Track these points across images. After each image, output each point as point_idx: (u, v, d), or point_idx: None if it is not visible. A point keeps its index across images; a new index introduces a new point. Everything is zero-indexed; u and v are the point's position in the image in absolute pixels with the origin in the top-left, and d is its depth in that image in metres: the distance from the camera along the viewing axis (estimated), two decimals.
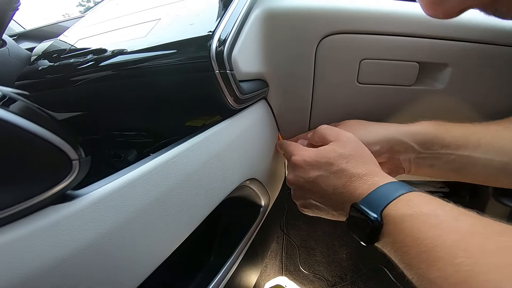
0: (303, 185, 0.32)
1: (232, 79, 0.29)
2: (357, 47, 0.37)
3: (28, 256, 0.14)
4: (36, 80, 0.41)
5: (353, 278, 0.88)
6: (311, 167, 0.31)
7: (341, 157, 0.30)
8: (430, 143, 0.33)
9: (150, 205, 0.21)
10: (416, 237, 0.21)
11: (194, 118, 0.36)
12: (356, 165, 0.29)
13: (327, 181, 0.30)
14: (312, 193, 0.32)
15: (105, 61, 0.34)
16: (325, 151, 0.31)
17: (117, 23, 0.43)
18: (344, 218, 0.30)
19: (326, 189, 0.30)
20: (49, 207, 0.16)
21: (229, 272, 0.38)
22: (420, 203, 0.23)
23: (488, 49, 0.37)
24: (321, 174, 0.30)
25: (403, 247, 0.22)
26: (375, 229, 0.24)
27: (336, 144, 0.31)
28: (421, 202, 0.23)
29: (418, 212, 0.22)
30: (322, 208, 0.32)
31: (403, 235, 0.22)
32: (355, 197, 0.28)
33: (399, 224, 0.23)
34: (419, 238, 0.21)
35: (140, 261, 0.21)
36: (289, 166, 0.35)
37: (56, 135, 0.14)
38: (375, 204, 0.25)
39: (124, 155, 0.36)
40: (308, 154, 0.32)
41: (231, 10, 0.31)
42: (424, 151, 0.33)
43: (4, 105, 0.13)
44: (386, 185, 0.26)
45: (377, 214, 0.24)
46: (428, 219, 0.21)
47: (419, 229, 0.21)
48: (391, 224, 0.23)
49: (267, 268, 0.93)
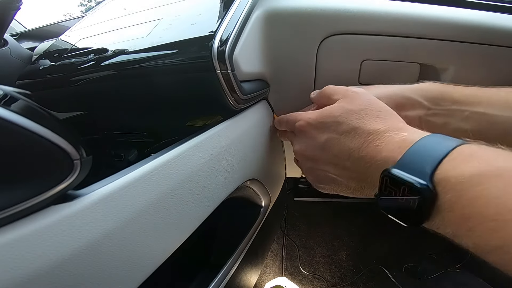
0: (312, 154, 0.27)
1: (233, 79, 0.29)
2: (358, 48, 0.37)
3: (29, 256, 0.14)
4: (37, 79, 0.41)
5: (353, 279, 0.88)
6: (317, 130, 0.26)
7: (350, 113, 0.24)
8: (439, 99, 0.28)
9: (151, 205, 0.21)
10: (508, 207, 0.14)
11: (195, 118, 0.36)
12: (372, 121, 0.23)
13: (339, 144, 0.24)
14: (325, 162, 0.26)
15: (106, 60, 0.34)
16: (330, 109, 0.26)
17: (118, 23, 0.43)
18: (371, 192, 0.23)
19: (339, 155, 0.24)
20: (50, 207, 0.16)
21: (229, 272, 0.37)
22: (490, 156, 0.17)
23: (489, 50, 0.37)
24: (331, 137, 0.25)
25: (480, 225, 0.15)
26: (425, 203, 0.17)
27: (344, 100, 0.26)
28: (491, 154, 0.17)
29: (494, 169, 0.15)
30: (340, 182, 0.26)
31: (477, 205, 0.15)
32: (381, 162, 0.21)
33: (467, 189, 0.16)
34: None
35: (141, 261, 0.21)
36: (294, 137, 0.30)
37: (58, 135, 0.14)
38: (417, 166, 0.18)
39: (125, 155, 0.36)
40: (311, 116, 0.27)
41: (232, 10, 0.31)
42: (434, 107, 0.29)
43: (6, 104, 0.13)
44: (424, 140, 0.19)
45: (425, 179, 0.17)
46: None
47: (508, 193, 0.14)
48: (452, 191, 0.16)
49: (267, 269, 0.93)
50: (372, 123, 0.23)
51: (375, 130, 0.23)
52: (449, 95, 0.28)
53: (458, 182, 0.16)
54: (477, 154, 0.17)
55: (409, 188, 0.18)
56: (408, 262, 0.91)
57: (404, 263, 0.90)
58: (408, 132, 0.21)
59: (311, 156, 0.27)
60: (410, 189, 0.18)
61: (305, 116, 0.28)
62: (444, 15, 0.36)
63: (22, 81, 0.42)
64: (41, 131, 0.14)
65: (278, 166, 0.46)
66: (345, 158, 0.24)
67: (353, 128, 0.24)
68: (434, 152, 0.18)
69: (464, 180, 0.16)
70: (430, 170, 0.17)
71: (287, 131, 0.34)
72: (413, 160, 0.19)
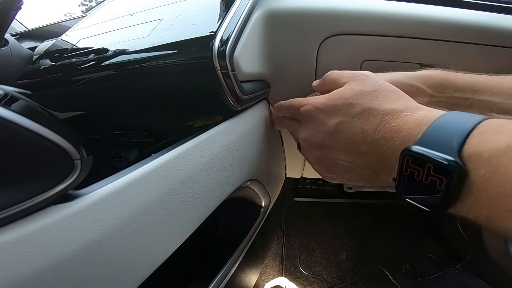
0: (322, 141, 0.25)
1: (233, 79, 0.29)
2: (359, 49, 0.37)
3: (29, 256, 0.14)
4: (38, 79, 0.41)
5: (352, 279, 0.88)
6: (326, 114, 0.24)
7: (362, 94, 0.23)
8: (442, 86, 0.27)
9: (151, 205, 0.21)
10: None
11: (195, 119, 0.36)
12: (386, 101, 0.22)
13: (352, 128, 0.22)
14: (337, 149, 0.24)
15: (106, 60, 0.34)
16: (340, 91, 0.24)
17: (119, 22, 0.43)
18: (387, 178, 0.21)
19: (353, 140, 0.22)
20: (51, 207, 0.16)
21: (229, 272, 0.37)
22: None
23: (489, 50, 0.37)
24: (342, 120, 0.23)
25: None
26: (454, 182, 0.15)
27: (353, 82, 0.24)
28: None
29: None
30: (353, 169, 0.24)
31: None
32: (400, 142, 0.19)
33: (504, 163, 0.14)
34: None
35: (141, 261, 0.21)
36: (298, 125, 0.28)
37: (58, 135, 0.14)
38: (442, 141, 0.16)
39: (125, 155, 0.36)
40: (319, 101, 0.25)
41: (233, 11, 0.31)
42: (438, 94, 0.28)
43: (6, 104, 0.13)
44: (446, 115, 0.18)
45: (452, 155, 0.15)
46: None
47: None
48: (486, 166, 0.14)
49: (267, 269, 0.92)
50: (387, 103, 0.21)
51: (391, 110, 0.21)
52: (452, 82, 0.27)
53: (493, 156, 0.14)
54: (507, 126, 0.15)
55: (434, 166, 0.16)
56: (408, 262, 0.91)
57: (403, 263, 0.90)
58: (427, 110, 0.20)
59: (320, 143, 0.25)
60: (436, 167, 0.15)
61: (311, 100, 0.26)
62: (444, 16, 0.36)
63: (23, 81, 0.42)
64: (42, 130, 0.14)
65: (278, 166, 0.46)
66: (359, 142, 0.22)
67: (367, 109, 0.22)
68: (460, 126, 0.16)
69: (500, 153, 0.14)
70: (458, 144, 0.15)
71: (285, 119, 0.32)
72: (437, 135, 0.17)
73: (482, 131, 0.16)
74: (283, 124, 0.33)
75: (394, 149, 0.19)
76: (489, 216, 0.15)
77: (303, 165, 0.54)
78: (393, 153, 0.20)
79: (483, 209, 0.15)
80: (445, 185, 0.15)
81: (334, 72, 0.27)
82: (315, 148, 0.26)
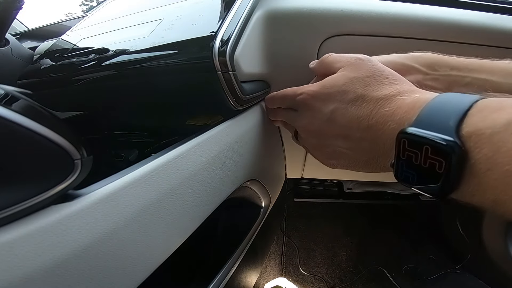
0: (319, 128, 0.25)
1: (234, 79, 0.29)
2: (359, 49, 0.37)
3: (29, 256, 0.14)
4: (39, 79, 0.41)
5: (352, 280, 0.88)
6: (321, 101, 0.24)
7: (356, 81, 0.23)
8: (436, 65, 0.27)
9: (151, 205, 0.21)
10: None
11: (196, 119, 0.36)
12: (380, 87, 0.22)
13: (347, 114, 0.22)
14: (334, 136, 0.24)
15: (107, 60, 0.34)
16: (332, 79, 0.25)
17: (119, 22, 0.43)
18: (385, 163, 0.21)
19: (348, 126, 0.23)
20: (51, 207, 0.16)
21: (229, 272, 0.37)
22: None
23: (488, 51, 0.37)
24: (337, 107, 0.23)
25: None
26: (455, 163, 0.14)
27: (347, 68, 0.25)
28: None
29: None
30: (350, 156, 0.24)
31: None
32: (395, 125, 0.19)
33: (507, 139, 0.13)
34: None
35: (141, 261, 0.21)
36: (294, 114, 0.28)
37: (59, 134, 0.14)
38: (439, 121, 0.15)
39: (125, 155, 0.36)
40: (313, 88, 0.26)
41: (233, 11, 0.31)
42: (432, 72, 0.27)
43: (7, 104, 0.13)
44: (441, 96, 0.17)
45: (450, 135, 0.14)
46: None
47: None
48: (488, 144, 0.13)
49: (266, 269, 0.92)
50: (380, 89, 0.21)
51: (385, 95, 0.21)
52: (444, 61, 0.27)
53: (494, 133, 0.13)
54: (506, 103, 0.14)
55: (432, 147, 0.15)
56: (408, 263, 0.91)
57: (403, 264, 0.90)
58: (421, 93, 0.19)
59: (317, 130, 0.25)
60: (434, 148, 0.15)
61: (306, 88, 0.26)
62: (444, 17, 0.36)
63: (23, 81, 0.42)
64: (42, 130, 0.14)
65: (278, 166, 0.46)
66: (355, 128, 0.22)
67: (361, 96, 0.22)
68: (457, 105, 0.15)
69: (501, 130, 0.13)
70: (455, 123, 0.15)
71: (280, 110, 0.32)
72: (433, 116, 0.16)
73: (480, 109, 0.15)
74: (279, 115, 0.33)
75: (390, 133, 0.19)
76: (496, 199, 0.14)
77: (303, 165, 0.54)
78: (388, 138, 0.19)
79: (488, 191, 0.14)
80: (445, 167, 0.14)
81: (331, 55, 0.28)
82: (313, 135, 0.26)
